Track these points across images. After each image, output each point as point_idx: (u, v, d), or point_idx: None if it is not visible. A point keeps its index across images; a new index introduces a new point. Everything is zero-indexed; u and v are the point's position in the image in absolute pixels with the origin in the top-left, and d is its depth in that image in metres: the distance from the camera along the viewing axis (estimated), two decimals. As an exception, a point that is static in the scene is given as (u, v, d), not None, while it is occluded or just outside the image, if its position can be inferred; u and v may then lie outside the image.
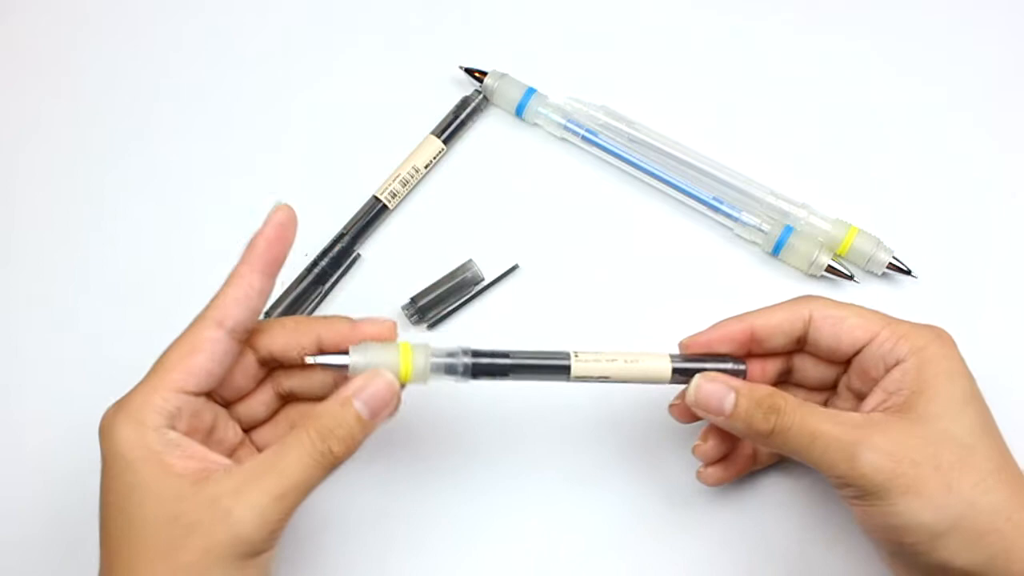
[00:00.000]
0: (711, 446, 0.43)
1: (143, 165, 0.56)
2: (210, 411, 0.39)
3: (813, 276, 0.51)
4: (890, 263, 0.50)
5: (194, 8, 0.60)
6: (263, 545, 0.35)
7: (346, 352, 0.38)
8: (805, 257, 0.50)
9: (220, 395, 0.40)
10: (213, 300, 0.38)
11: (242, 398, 0.41)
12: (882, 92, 0.56)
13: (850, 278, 0.50)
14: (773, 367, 0.43)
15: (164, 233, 0.54)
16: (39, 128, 0.57)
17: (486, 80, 0.55)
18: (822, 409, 0.39)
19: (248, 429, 0.42)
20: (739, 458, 0.45)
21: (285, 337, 0.40)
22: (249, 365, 0.40)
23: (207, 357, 0.37)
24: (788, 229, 0.51)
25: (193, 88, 0.58)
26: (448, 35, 0.59)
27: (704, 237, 0.53)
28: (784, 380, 0.44)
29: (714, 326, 0.42)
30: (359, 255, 0.53)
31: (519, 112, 0.55)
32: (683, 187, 0.52)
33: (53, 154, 0.56)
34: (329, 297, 0.52)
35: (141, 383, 0.37)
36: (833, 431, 0.38)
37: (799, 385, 0.44)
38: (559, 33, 0.58)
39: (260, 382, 0.41)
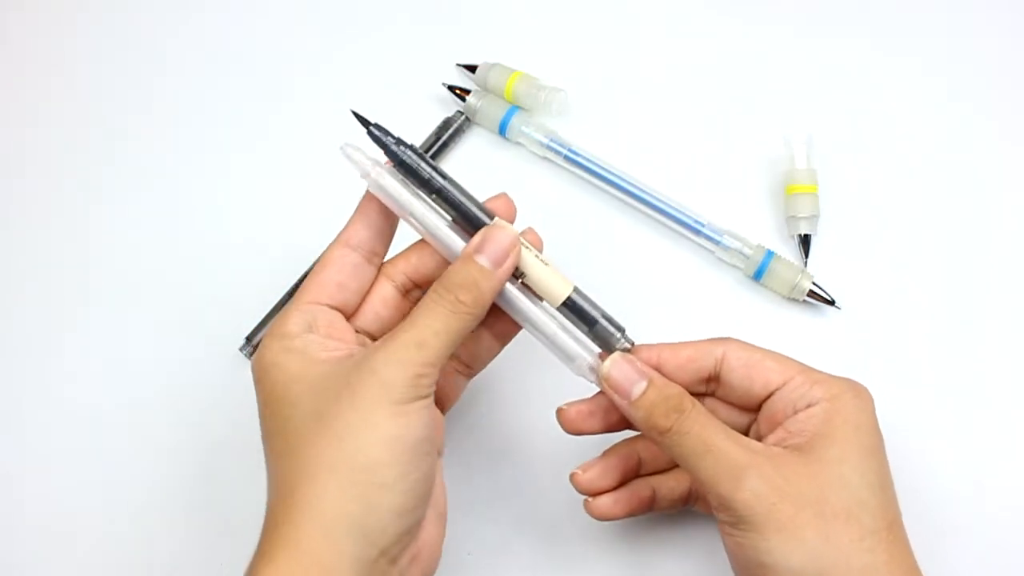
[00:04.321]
0: (591, 477, 0.42)
1: (124, 183, 0.57)
2: (352, 334, 0.39)
3: (794, 300, 0.50)
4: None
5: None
6: (410, 391, 0.35)
7: None
8: (787, 282, 0.50)
9: (367, 330, 0.40)
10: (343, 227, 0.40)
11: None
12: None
13: (831, 303, 0.50)
14: None
15: (144, 247, 0.55)
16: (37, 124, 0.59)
17: (468, 99, 0.55)
18: (724, 427, 0.38)
19: None
20: (634, 496, 0.42)
21: (416, 255, 0.41)
22: (389, 296, 0.41)
23: (335, 270, 0.39)
24: (769, 254, 0.50)
25: (166, 107, 0.59)
26: (429, 54, 0.58)
27: (686, 260, 0.52)
28: None
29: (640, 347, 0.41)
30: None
31: (502, 131, 0.55)
32: (665, 209, 0.52)
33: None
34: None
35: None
36: (728, 449, 0.37)
37: None
38: (542, 57, 0.58)
39: (404, 315, 0.40)
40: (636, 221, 0.53)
